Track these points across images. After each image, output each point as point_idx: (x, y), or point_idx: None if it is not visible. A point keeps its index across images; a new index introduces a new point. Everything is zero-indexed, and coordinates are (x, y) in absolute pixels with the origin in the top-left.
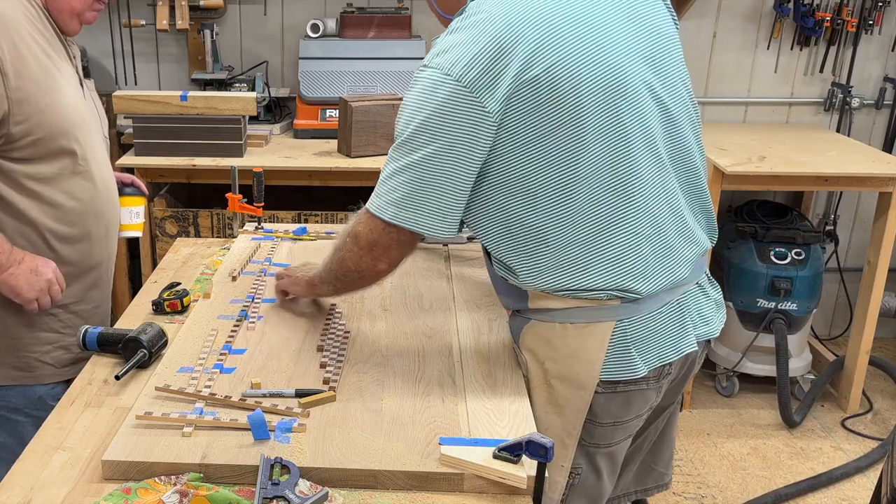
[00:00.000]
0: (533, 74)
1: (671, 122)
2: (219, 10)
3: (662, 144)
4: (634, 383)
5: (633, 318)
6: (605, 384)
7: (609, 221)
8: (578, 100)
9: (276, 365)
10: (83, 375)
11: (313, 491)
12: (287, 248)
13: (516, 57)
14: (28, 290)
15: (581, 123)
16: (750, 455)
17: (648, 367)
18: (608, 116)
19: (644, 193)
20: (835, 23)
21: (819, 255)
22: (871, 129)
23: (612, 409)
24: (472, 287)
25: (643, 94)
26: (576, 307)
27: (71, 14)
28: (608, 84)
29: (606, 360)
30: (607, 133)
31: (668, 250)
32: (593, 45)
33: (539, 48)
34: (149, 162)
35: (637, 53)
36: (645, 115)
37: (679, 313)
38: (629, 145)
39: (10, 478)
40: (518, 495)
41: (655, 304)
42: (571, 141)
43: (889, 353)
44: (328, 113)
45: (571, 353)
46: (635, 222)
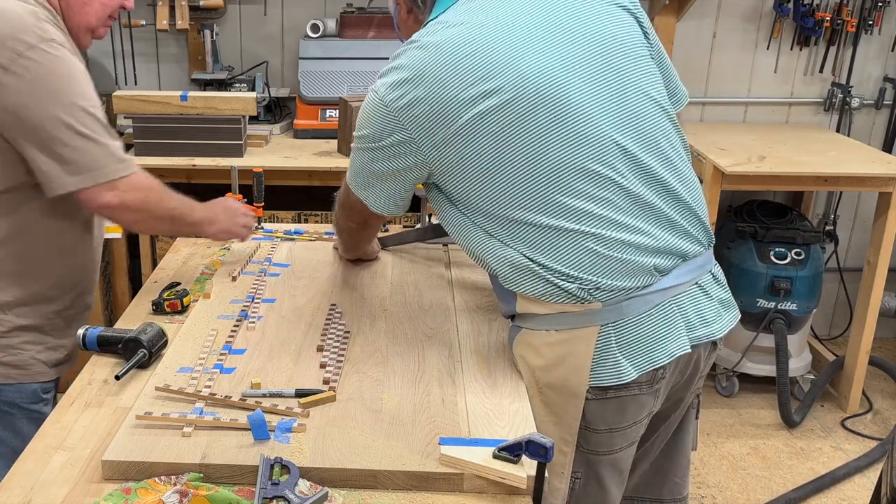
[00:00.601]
0: (445, 99)
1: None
2: (219, 10)
3: (625, 139)
4: (625, 388)
5: (618, 322)
6: (595, 390)
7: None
8: (499, 120)
9: (276, 365)
10: (83, 375)
11: (313, 491)
12: (287, 248)
13: (431, 84)
14: (235, 225)
15: (503, 142)
16: (750, 455)
17: (639, 371)
18: (534, 131)
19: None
20: (835, 23)
21: (819, 255)
22: (870, 129)
23: (606, 416)
24: (472, 287)
25: (575, 103)
26: (559, 312)
27: (86, 29)
28: (533, 103)
29: (594, 366)
30: (534, 146)
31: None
32: (511, 67)
33: (452, 77)
34: (149, 162)
35: (576, 72)
36: (579, 122)
37: (670, 316)
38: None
39: (10, 478)
40: (518, 495)
41: (642, 306)
42: (495, 156)
43: (889, 353)
44: (328, 113)
45: (559, 360)
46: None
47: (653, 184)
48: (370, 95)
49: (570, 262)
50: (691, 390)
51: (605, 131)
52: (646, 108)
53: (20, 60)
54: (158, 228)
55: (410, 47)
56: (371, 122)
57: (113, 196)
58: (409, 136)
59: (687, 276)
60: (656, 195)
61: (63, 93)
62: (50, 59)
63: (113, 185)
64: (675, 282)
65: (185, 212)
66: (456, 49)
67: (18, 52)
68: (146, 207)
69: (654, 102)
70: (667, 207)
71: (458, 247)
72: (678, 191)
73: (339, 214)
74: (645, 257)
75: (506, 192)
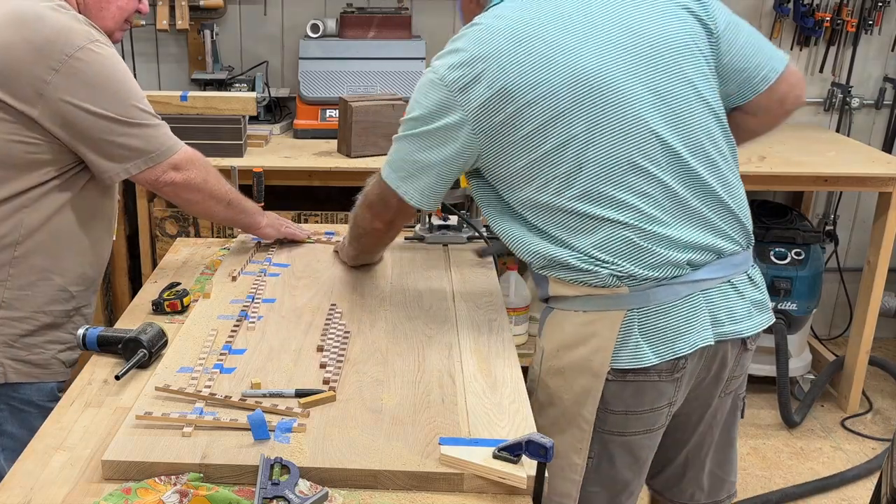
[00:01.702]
0: (504, 83)
1: (678, 112)
2: (219, 10)
3: (671, 137)
4: (644, 373)
5: (643, 309)
6: (616, 372)
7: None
8: (551, 107)
9: (276, 365)
10: (83, 375)
11: (313, 491)
12: (287, 247)
13: (490, 67)
14: (280, 224)
15: (552, 128)
16: (750, 455)
17: (659, 357)
18: (585, 122)
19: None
20: (835, 23)
21: (819, 255)
22: (870, 129)
23: (624, 398)
24: (472, 287)
25: (626, 98)
26: (587, 295)
27: (104, 33)
28: (579, 94)
29: (616, 349)
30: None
31: (660, 239)
32: (566, 57)
33: (511, 62)
34: None
35: (629, 68)
36: (627, 116)
37: (696, 308)
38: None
39: (11, 478)
40: (518, 495)
41: (668, 295)
42: (543, 142)
43: (889, 353)
44: (328, 113)
45: (584, 339)
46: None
47: (691, 182)
48: (427, 76)
49: (607, 249)
50: (723, 389)
51: (652, 127)
52: (694, 108)
53: (70, 62)
54: (215, 210)
55: (472, 30)
56: (427, 102)
57: (177, 174)
58: (465, 116)
59: (719, 273)
60: (693, 193)
61: (116, 89)
62: (98, 59)
63: (174, 163)
64: (705, 276)
65: (239, 199)
66: (517, 36)
67: (68, 53)
68: (207, 187)
69: (705, 104)
70: (702, 206)
71: (458, 247)
72: (717, 191)
73: (364, 215)
74: (678, 252)
75: (552, 179)
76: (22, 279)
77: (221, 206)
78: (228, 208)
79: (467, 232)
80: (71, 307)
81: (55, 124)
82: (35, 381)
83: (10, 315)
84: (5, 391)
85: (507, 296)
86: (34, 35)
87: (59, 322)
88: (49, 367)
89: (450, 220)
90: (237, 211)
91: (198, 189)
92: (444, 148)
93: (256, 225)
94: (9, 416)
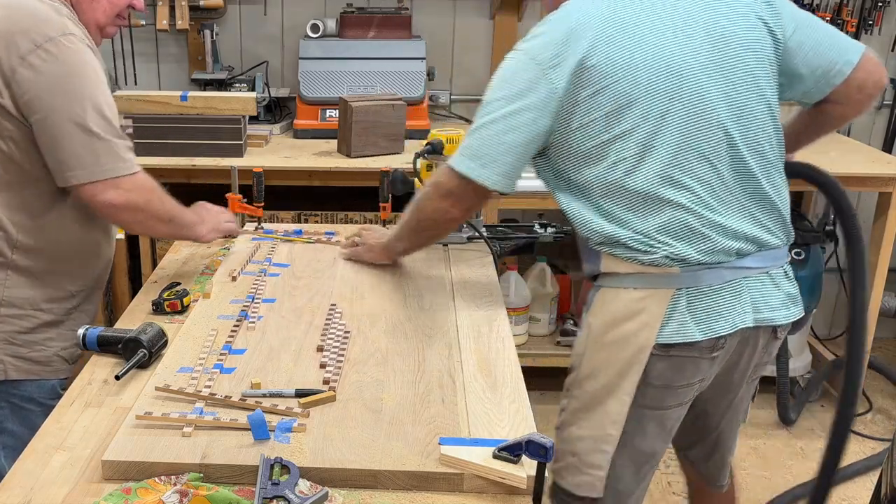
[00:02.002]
0: (593, 62)
1: (744, 111)
2: (219, 10)
3: (735, 132)
4: (688, 348)
5: (691, 288)
6: (661, 347)
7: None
8: (631, 90)
9: (276, 365)
10: (83, 375)
11: (313, 491)
12: (287, 248)
13: (581, 45)
14: (219, 223)
15: (629, 111)
16: (750, 455)
17: (703, 335)
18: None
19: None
20: (834, 23)
21: (819, 255)
22: (871, 129)
23: (665, 372)
24: (472, 287)
25: (701, 90)
26: (639, 273)
27: (96, 27)
28: (659, 82)
29: (663, 325)
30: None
31: (715, 226)
32: (651, 47)
33: (600, 42)
34: (149, 162)
35: (706, 64)
36: (700, 109)
37: (738, 293)
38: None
39: (11, 478)
40: (518, 495)
41: (715, 278)
42: (619, 123)
43: (889, 353)
44: (328, 113)
45: (633, 314)
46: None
47: (745, 177)
48: (515, 58)
49: (667, 231)
50: (751, 374)
51: (721, 122)
52: (759, 109)
53: (37, 52)
54: (156, 229)
55: (562, 13)
56: (518, 81)
57: (117, 194)
58: (555, 93)
59: (760, 263)
60: (744, 187)
61: (75, 88)
62: (67, 52)
63: (116, 182)
64: (748, 264)
65: (180, 214)
66: (607, 20)
67: (37, 43)
68: (149, 208)
69: (767, 106)
70: (750, 201)
71: (458, 247)
72: (765, 188)
73: (439, 206)
74: (729, 240)
75: (623, 160)
76: (21, 277)
77: (162, 224)
78: (170, 225)
79: (467, 232)
80: (72, 305)
81: (22, 114)
82: (36, 378)
83: (9, 312)
84: (5, 388)
85: (507, 296)
86: (10, 23)
87: (59, 319)
88: (50, 365)
89: None
90: (178, 227)
91: (138, 210)
92: (532, 126)
93: (196, 236)
94: (10, 414)
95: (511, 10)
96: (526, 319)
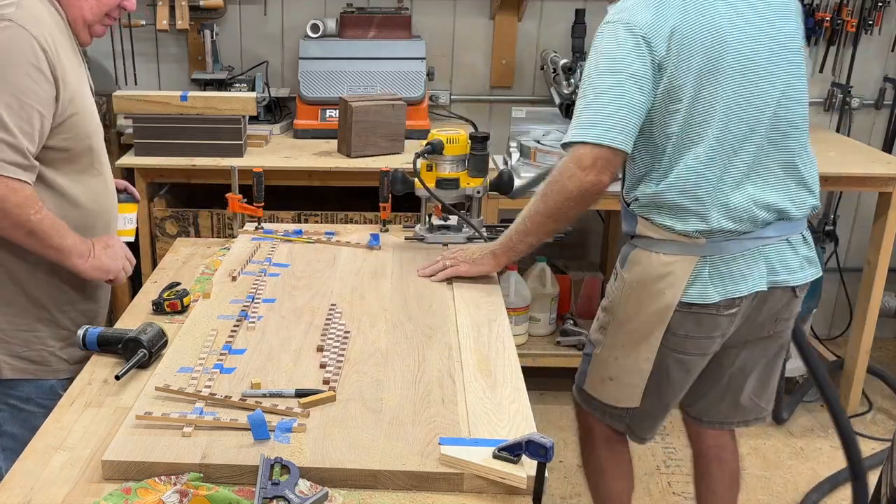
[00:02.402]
0: (684, 29)
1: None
2: (219, 10)
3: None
4: (706, 308)
5: (713, 257)
6: (683, 304)
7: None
8: (714, 63)
9: (276, 365)
10: (83, 375)
11: (313, 491)
12: (287, 248)
13: (671, 13)
14: (113, 264)
15: (715, 74)
16: (750, 455)
17: (721, 296)
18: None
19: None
20: (835, 23)
21: (819, 255)
22: (871, 129)
23: (685, 325)
24: (472, 287)
25: (759, 69)
26: (670, 240)
27: (83, 24)
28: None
29: (687, 287)
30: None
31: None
32: (728, 33)
33: (689, 10)
34: (149, 162)
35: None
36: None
37: (756, 260)
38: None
39: (11, 478)
40: (518, 495)
41: (736, 247)
42: (704, 86)
43: (889, 353)
44: (328, 113)
45: (661, 277)
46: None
47: (784, 153)
48: (612, 29)
49: (708, 200)
50: (771, 329)
51: (775, 104)
52: (802, 95)
53: None
54: (13, 236)
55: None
56: (620, 48)
57: None
58: (655, 56)
59: (780, 232)
60: (782, 163)
61: None
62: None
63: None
64: (769, 234)
65: (50, 233)
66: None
67: None
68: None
69: (805, 91)
70: (785, 175)
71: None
72: (797, 163)
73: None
74: (761, 210)
75: (691, 125)
76: (13, 275)
77: (19, 233)
78: (30, 237)
79: (467, 232)
80: (65, 301)
81: None
82: (32, 377)
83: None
84: (2, 389)
85: (507, 296)
86: None
87: (55, 318)
88: (47, 364)
89: (450, 220)
90: (42, 244)
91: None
92: (642, 90)
93: (73, 265)
94: (8, 416)
95: (511, 10)
96: (526, 319)
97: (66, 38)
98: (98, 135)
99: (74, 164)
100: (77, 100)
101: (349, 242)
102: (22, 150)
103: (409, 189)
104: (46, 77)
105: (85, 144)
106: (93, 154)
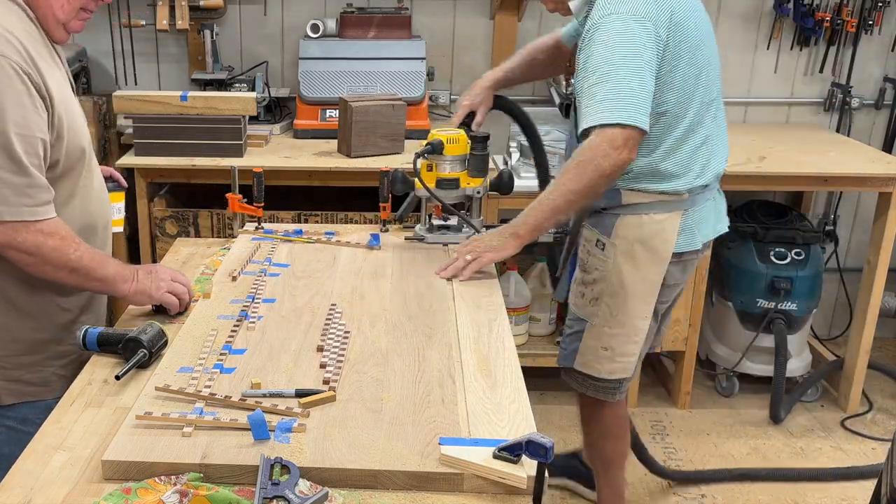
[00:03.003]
0: (678, 19)
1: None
2: (219, 10)
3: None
4: (692, 254)
5: (692, 209)
6: (675, 255)
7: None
8: (697, 44)
9: (276, 365)
10: (83, 375)
11: (313, 491)
12: (287, 248)
13: (668, 3)
14: (155, 289)
15: (696, 61)
16: (750, 455)
17: (703, 241)
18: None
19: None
20: (834, 23)
21: (819, 255)
22: (870, 129)
23: (675, 274)
24: (472, 287)
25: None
26: (657, 201)
27: (56, 23)
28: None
29: (678, 238)
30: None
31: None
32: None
33: (683, 4)
34: (149, 162)
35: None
36: (715, 73)
37: (713, 208)
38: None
39: (10, 478)
40: (518, 495)
41: (704, 199)
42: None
43: (889, 353)
44: (328, 113)
45: (654, 235)
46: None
47: (720, 116)
48: (620, 20)
49: (691, 164)
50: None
51: (717, 72)
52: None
53: None
54: (57, 277)
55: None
56: (630, 35)
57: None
58: (659, 40)
59: (717, 183)
60: (721, 123)
61: None
62: None
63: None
64: (715, 185)
65: (92, 265)
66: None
67: None
68: (40, 253)
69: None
70: (723, 133)
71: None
72: (724, 124)
73: (619, 158)
74: (717, 164)
75: (679, 102)
76: (9, 300)
77: (62, 272)
78: (73, 275)
79: (467, 232)
80: (66, 320)
81: None
82: (31, 399)
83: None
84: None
85: (507, 296)
86: None
87: (57, 337)
88: (48, 385)
89: (450, 220)
90: (87, 278)
91: (28, 253)
92: (652, 73)
93: (118, 291)
94: (5, 439)
95: (511, 10)
96: (526, 319)
97: (38, 42)
98: (86, 134)
99: (73, 171)
100: (63, 106)
101: (349, 242)
102: (43, 186)
103: (408, 189)
104: (37, 101)
105: (79, 149)
106: (85, 155)
